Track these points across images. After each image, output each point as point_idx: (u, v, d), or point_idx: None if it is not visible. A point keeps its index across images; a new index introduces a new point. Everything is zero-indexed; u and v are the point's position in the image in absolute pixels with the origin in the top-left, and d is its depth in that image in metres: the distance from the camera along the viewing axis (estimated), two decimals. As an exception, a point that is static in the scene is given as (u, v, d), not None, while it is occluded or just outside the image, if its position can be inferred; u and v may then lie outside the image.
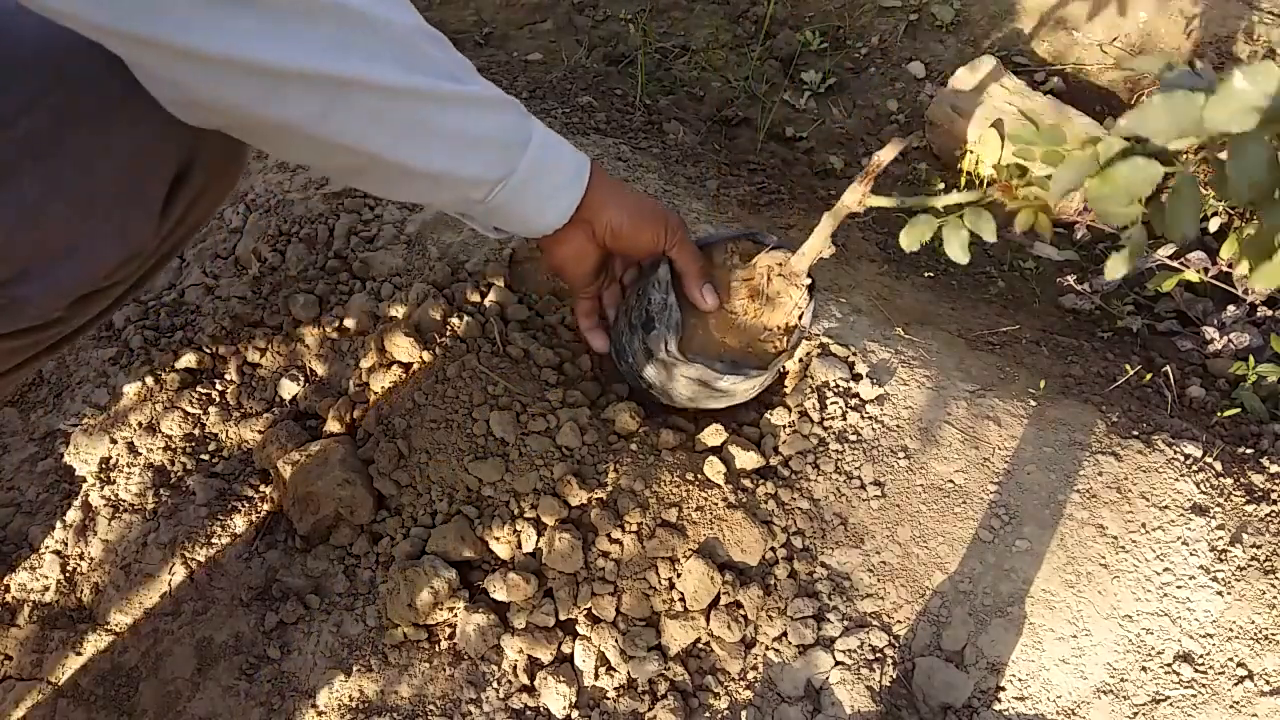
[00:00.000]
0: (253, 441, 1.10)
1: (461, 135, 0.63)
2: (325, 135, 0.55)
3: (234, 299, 1.20)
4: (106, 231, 0.58)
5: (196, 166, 0.62)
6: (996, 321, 1.24)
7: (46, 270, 0.57)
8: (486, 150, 0.66)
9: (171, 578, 1.02)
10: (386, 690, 0.94)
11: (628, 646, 0.92)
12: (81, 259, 0.58)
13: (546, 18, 1.81)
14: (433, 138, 0.60)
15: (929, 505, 0.99)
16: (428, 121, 0.59)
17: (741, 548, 0.96)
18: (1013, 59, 1.63)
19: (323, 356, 1.15)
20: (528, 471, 1.00)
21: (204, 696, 0.94)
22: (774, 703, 0.91)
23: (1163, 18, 1.59)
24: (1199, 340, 1.21)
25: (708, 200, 1.35)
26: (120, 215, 0.59)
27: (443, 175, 0.63)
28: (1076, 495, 0.99)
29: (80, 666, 0.98)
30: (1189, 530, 0.96)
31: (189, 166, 0.61)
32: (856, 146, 1.59)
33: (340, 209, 1.26)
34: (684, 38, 1.76)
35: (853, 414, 1.04)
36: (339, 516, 1.01)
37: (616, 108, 1.57)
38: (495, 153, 0.67)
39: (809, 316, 0.95)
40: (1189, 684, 0.90)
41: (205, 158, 0.62)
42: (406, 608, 0.95)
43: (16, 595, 1.03)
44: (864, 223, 1.41)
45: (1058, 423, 1.05)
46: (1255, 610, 0.92)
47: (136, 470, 1.09)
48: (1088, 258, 1.40)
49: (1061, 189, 0.51)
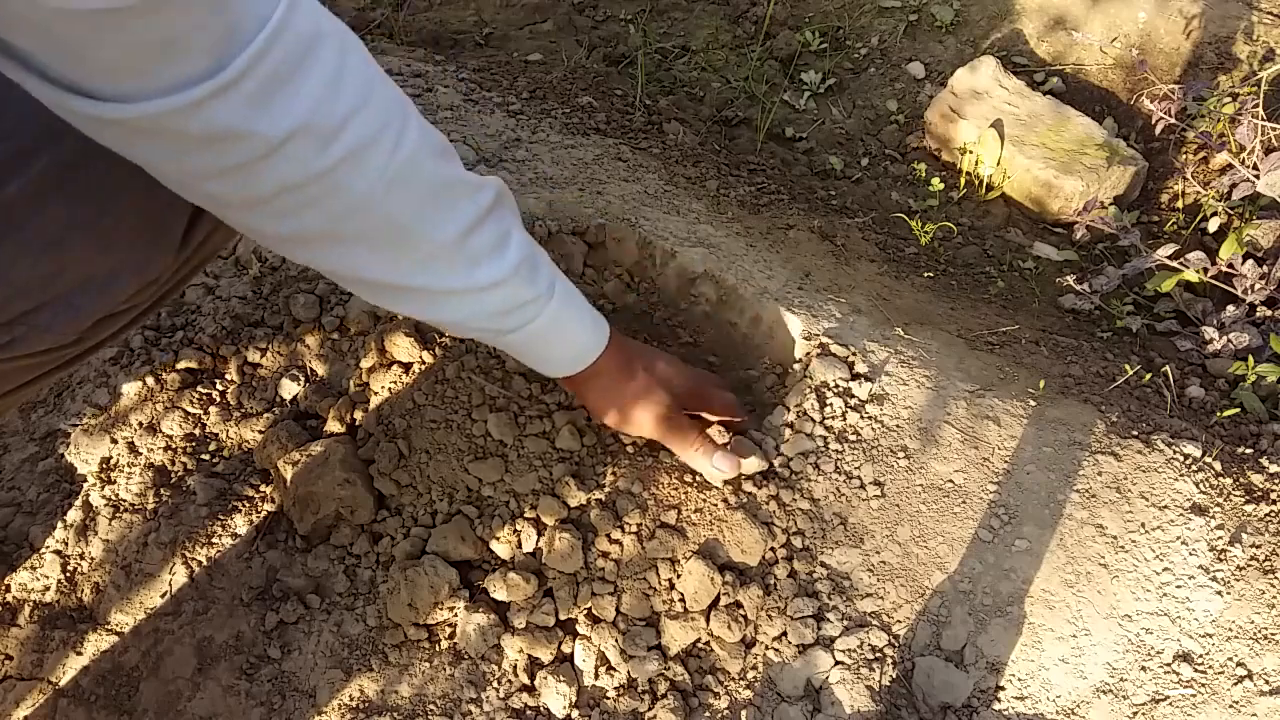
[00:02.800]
0: (253, 441, 1.11)
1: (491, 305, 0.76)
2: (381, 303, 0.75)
3: (234, 299, 1.20)
4: (126, 263, 0.59)
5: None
6: (996, 321, 1.24)
7: (66, 300, 0.58)
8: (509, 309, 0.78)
9: (172, 578, 1.02)
10: (387, 690, 0.94)
11: (628, 646, 0.93)
12: (100, 288, 0.59)
13: (546, 18, 1.81)
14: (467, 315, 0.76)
15: (929, 505, 0.99)
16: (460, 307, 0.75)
17: (742, 548, 0.96)
18: (1013, 59, 1.63)
19: (323, 356, 1.15)
20: (527, 472, 1.00)
21: (204, 696, 0.94)
22: (774, 702, 0.91)
23: (1162, 18, 1.59)
24: (1198, 340, 1.21)
25: (708, 200, 1.35)
26: (141, 248, 0.59)
27: (467, 323, 0.78)
28: (1076, 495, 0.99)
29: (81, 666, 0.98)
30: (1188, 530, 0.96)
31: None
32: (856, 147, 1.59)
33: (340, 209, 1.26)
34: (684, 38, 1.76)
35: (852, 414, 1.05)
36: (339, 516, 1.01)
37: (616, 108, 1.57)
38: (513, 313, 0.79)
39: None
40: (1188, 684, 0.90)
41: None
42: (407, 608, 0.95)
43: (17, 595, 1.04)
44: (864, 223, 1.41)
45: (1057, 423, 1.05)
46: (1255, 610, 0.92)
47: (137, 470, 1.09)
48: (1087, 258, 1.40)
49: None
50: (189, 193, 0.55)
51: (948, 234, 1.42)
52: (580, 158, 1.37)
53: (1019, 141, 1.45)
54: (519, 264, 0.74)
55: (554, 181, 1.29)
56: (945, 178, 1.50)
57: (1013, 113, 1.48)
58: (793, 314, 1.13)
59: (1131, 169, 1.42)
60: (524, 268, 0.75)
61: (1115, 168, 1.41)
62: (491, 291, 0.74)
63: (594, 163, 1.36)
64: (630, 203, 1.27)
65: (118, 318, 0.65)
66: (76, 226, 0.55)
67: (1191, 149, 1.50)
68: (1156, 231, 1.43)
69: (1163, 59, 1.59)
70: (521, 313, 0.77)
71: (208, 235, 0.65)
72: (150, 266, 0.60)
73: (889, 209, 1.46)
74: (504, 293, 0.75)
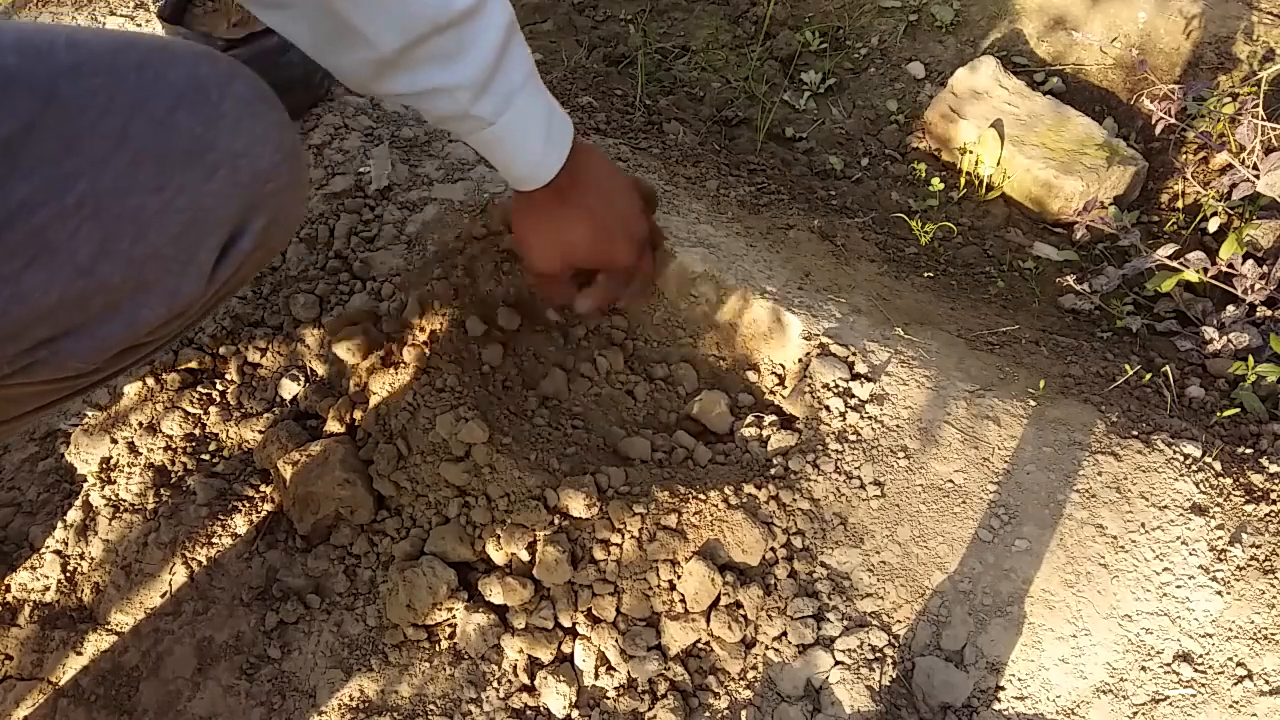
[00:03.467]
0: (253, 441, 1.11)
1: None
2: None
3: (234, 299, 1.20)
4: (155, 293, 0.59)
5: (247, 234, 0.63)
6: (996, 321, 1.24)
7: (92, 328, 0.58)
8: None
9: (172, 578, 1.02)
10: (387, 690, 0.94)
11: (628, 646, 0.93)
12: (127, 318, 0.59)
13: (546, 18, 1.81)
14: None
15: (929, 505, 0.99)
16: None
17: (742, 548, 0.96)
18: (1013, 59, 1.63)
19: (323, 356, 1.15)
20: (527, 476, 1.00)
21: (204, 696, 0.94)
22: (774, 702, 0.91)
23: (1162, 18, 1.59)
24: (1198, 340, 1.21)
25: (707, 200, 1.35)
26: (172, 279, 0.59)
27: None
28: (1076, 495, 0.99)
29: (81, 666, 0.98)
30: (1188, 530, 0.96)
31: (240, 233, 0.62)
32: (856, 147, 1.59)
33: (340, 209, 1.26)
34: (684, 38, 1.76)
35: (852, 414, 1.04)
36: (339, 516, 1.01)
37: (616, 108, 1.57)
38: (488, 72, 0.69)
39: None
40: (1188, 684, 0.90)
41: (256, 226, 0.62)
42: (406, 608, 0.95)
43: (17, 595, 1.04)
44: (864, 223, 1.41)
45: (1057, 423, 1.05)
46: (1255, 610, 0.92)
47: (137, 470, 1.09)
48: (1087, 258, 1.40)
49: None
50: None
51: (948, 234, 1.42)
52: (580, 158, 1.37)
53: (1019, 141, 1.45)
54: (464, 83, 0.68)
55: (554, 181, 1.29)
56: (945, 178, 1.50)
57: (1013, 113, 1.48)
58: (793, 314, 1.13)
59: (1131, 169, 1.42)
60: (469, 88, 0.69)
61: (1115, 168, 1.41)
62: (428, 97, 0.68)
63: (594, 163, 1.36)
64: (630, 203, 1.27)
65: (139, 349, 0.65)
66: (108, 255, 0.55)
67: (1191, 149, 1.50)
68: (1156, 231, 1.43)
69: (1163, 59, 1.59)
70: (459, 123, 0.72)
71: (236, 269, 0.64)
72: (178, 299, 0.60)
73: (889, 209, 1.46)
74: (441, 101, 0.69)
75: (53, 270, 0.54)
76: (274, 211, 0.64)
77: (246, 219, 0.62)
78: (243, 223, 0.62)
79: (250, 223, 0.62)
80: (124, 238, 0.56)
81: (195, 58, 0.60)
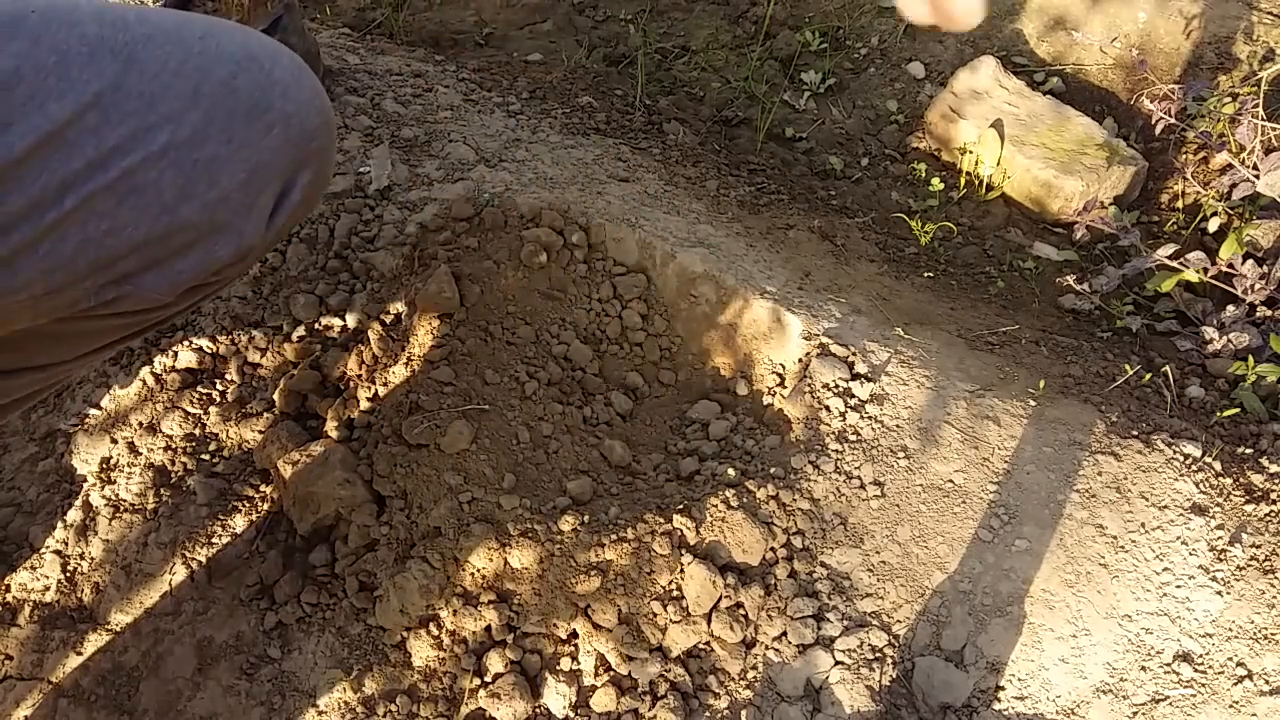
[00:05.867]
0: (253, 441, 1.11)
1: None
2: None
3: (234, 299, 1.20)
4: (227, 234, 0.67)
5: (296, 186, 0.71)
6: (996, 321, 1.24)
7: (173, 263, 0.65)
8: None
9: (172, 577, 1.02)
10: (387, 690, 0.94)
11: (628, 648, 0.92)
12: (201, 255, 0.66)
13: (546, 18, 1.81)
14: None
15: (928, 505, 0.99)
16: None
17: (743, 548, 0.96)
18: (1013, 59, 1.63)
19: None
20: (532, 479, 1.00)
21: (204, 696, 0.94)
22: (774, 702, 0.91)
23: (1162, 18, 1.59)
24: (1198, 340, 1.21)
25: (707, 200, 1.35)
26: (240, 221, 0.67)
27: None
28: (1076, 495, 0.99)
29: (81, 666, 0.98)
30: (1188, 530, 0.96)
31: (291, 185, 0.70)
32: (856, 147, 1.59)
33: (341, 209, 1.26)
34: (684, 38, 1.76)
35: (852, 414, 1.04)
36: (339, 516, 1.01)
37: (616, 108, 1.57)
38: None
39: None
40: (1188, 683, 0.90)
41: (303, 180, 0.71)
42: (405, 608, 0.95)
43: (17, 595, 1.04)
44: (864, 223, 1.41)
45: (1057, 423, 1.05)
46: (1255, 610, 0.92)
47: (137, 470, 1.09)
48: (1087, 258, 1.40)
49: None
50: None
51: (948, 234, 1.42)
52: (580, 158, 1.37)
53: (1019, 141, 1.45)
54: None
55: (554, 181, 1.29)
56: (945, 178, 1.50)
57: (1013, 113, 1.48)
58: (793, 314, 1.13)
59: (1131, 169, 1.42)
60: None
61: (1115, 168, 1.41)
62: None
63: (594, 163, 1.37)
64: (630, 203, 1.27)
65: (205, 287, 0.72)
66: (188, 197, 0.63)
67: (1191, 149, 1.50)
68: (1156, 231, 1.43)
69: (1163, 59, 1.59)
70: None
71: (287, 219, 0.72)
72: (244, 240, 0.68)
73: (889, 209, 1.46)
74: None
75: (142, 209, 0.61)
76: (317, 167, 0.71)
77: (296, 173, 0.70)
78: (293, 176, 0.70)
79: (299, 176, 0.70)
80: (200, 182, 0.63)
81: (245, 33, 0.67)
